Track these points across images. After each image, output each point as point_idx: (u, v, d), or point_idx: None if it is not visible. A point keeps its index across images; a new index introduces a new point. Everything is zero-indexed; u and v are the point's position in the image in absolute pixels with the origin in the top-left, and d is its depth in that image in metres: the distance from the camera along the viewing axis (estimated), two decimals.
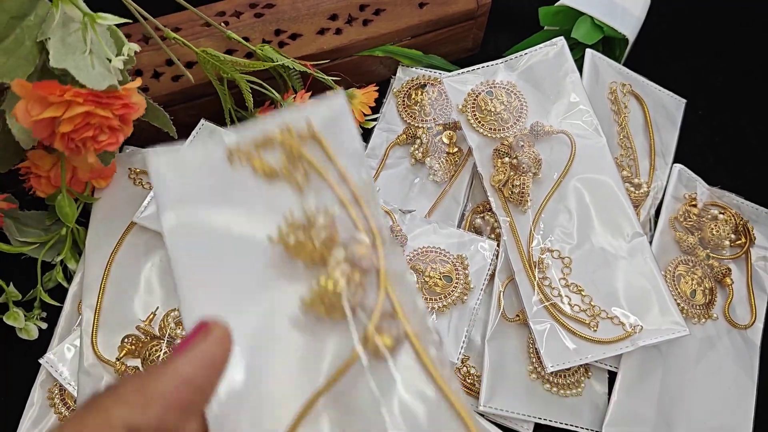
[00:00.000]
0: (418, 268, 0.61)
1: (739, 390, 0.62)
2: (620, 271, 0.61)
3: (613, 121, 0.70)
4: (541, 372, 0.59)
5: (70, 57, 0.47)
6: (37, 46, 0.49)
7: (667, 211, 0.67)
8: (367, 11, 0.70)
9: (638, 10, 0.73)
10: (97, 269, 0.60)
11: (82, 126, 0.47)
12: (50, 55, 0.47)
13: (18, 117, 0.46)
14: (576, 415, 0.59)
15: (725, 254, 0.66)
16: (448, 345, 0.59)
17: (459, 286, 0.60)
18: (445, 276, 0.61)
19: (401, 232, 0.62)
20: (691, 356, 0.62)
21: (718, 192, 0.68)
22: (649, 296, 0.60)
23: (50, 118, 0.46)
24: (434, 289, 0.60)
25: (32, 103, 0.45)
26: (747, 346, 0.63)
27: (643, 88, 0.73)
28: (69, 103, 0.45)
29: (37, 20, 0.49)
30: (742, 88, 0.79)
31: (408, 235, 0.62)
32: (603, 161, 0.65)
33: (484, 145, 0.66)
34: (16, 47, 0.48)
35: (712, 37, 0.82)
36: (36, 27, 0.49)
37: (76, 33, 0.48)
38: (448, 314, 0.60)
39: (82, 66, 0.47)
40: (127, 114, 0.50)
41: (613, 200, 0.64)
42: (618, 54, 0.75)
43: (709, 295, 0.63)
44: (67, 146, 0.48)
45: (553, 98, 0.68)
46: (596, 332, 0.59)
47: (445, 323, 0.60)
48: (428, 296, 0.60)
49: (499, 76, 0.69)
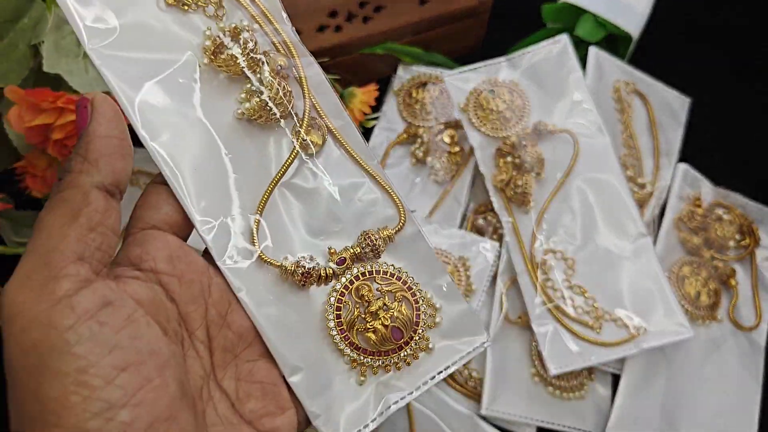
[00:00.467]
0: None
1: (744, 393, 0.61)
2: (624, 273, 0.61)
3: (617, 120, 0.69)
4: (544, 375, 0.59)
5: (64, 61, 0.46)
6: (30, 49, 0.48)
7: (672, 211, 0.67)
8: (367, 8, 0.70)
9: (642, 6, 0.72)
10: None
11: (75, 133, 0.46)
12: (44, 59, 0.46)
13: (11, 123, 0.45)
14: (579, 419, 0.59)
15: (730, 255, 0.65)
16: None
17: (460, 288, 0.60)
18: None
19: None
20: (695, 359, 0.61)
21: (723, 192, 0.68)
22: (653, 298, 0.60)
23: (43, 125, 0.45)
24: None
25: (25, 109, 0.45)
26: (752, 348, 0.63)
27: (648, 86, 0.72)
28: (61, 110, 0.45)
29: (30, 23, 0.48)
30: (747, 86, 0.78)
31: None
32: (607, 161, 0.64)
33: (486, 145, 0.66)
34: (9, 51, 0.47)
35: (717, 35, 0.82)
36: (29, 30, 0.48)
37: (69, 36, 0.47)
38: None
39: (75, 71, 0.46)
40: None
41: (617, 200, 0.63)
42: (622, 52, 0.74)
43: (713, 297, 0.63)
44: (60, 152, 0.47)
45: (557, 97, 0.67)
46: (600, 334, 0.58)
47: None
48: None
49: (501, 74, 0.68)
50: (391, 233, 0.40)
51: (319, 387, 0.38)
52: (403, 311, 0.39)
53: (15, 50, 0.48)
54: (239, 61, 0.38)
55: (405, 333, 0.39)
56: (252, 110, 0.38)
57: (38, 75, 0.50)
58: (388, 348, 0.39)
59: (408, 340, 0.39)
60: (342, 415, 0.38)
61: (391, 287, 0.40)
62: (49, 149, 0.47)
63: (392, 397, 0.39)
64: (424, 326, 0.40)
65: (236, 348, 0.38)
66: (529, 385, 0.59)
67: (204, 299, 0.37)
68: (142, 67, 0.37)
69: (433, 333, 0.40)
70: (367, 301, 0.39)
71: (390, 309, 0.39)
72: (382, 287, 0.39)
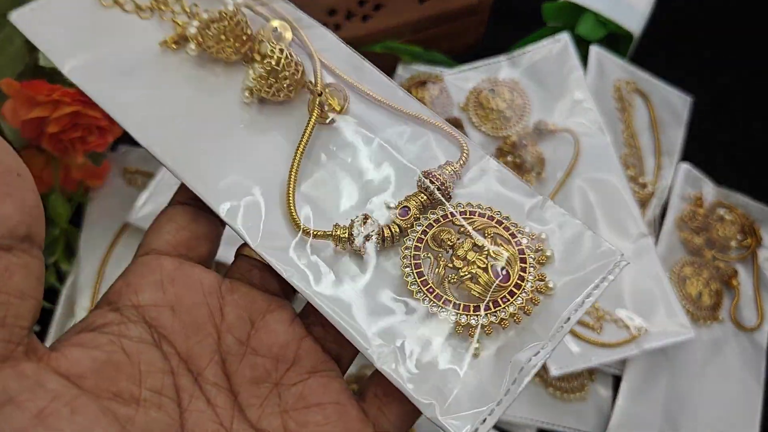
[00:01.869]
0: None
1: (746, 394, 0.61)
2: (625, 273, 0.60)
3: (618, 119, 0.69)
4: (545, 376, 0.58)
5: None
6: (26, 44, 0.48)
7: (673, 211, 0.66)
8: (366, 6, 0.69)
9: (643, 5, 0.72)
10: (90, 271, 0.60)
11: (70, 126, 0.46)
12: (40, 53, 0.46)
13: (6, 117, 0.45)
14: (580, 420, 0.59)
15: (732, 255, 0.65)
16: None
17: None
18: None
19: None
20: (697, 359, 0.61)
21: (725, 192, 0.67)
22: (654, 298, 0.59)
23: (38, 118, 0.45)
24: None
25: (20, 103, 0.44)
26: (754, 348, 0.62)
27: (649, 85, 0.72)
28: (57, 103, 0.44)
29: None
30: (749, 85, 0.78)
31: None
32: (608, 160, 0.64)
33: (487, 144, 0.65)
34: (6, 45, 0.47)
35: (718, 33, 0.81)
36: None
37: None
38: None
39: None
40: None
41: (618, 200, 0.63)
42: (623, 50, 0.73)
43: (715, 297, 0.62)
44: (55, 147, 0.47)
45: (557, 96, 0.67)
46: (601, 335, 0.58)
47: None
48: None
49: (501, 73, 0.68)
50: (457, 167, 0.33)
51: (422, 368, 0.30)
52: (502, 247, 0.31)
53: (11, 44, 0.47)
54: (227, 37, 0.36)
55: (512, 274, 0.31)
56: (260, 80, 0.35)
57: (34, 70, 0.50)
58: (498, 296, 0.31)
59: (519, 282, 0.31)
60: (461, 396, 0.30)
61: (477, 225, 0.32)
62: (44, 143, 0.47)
63: (522, 357, 0.30)
64: (533, 263, 0.31)
65: (273, 374, 0.31)
66: (530, 386, 0.59)
67: (214, 325, 0.31)
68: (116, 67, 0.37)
69: (548, 270, 0.32)
70: (450, 245, 0.32)
71: (484, 248, 0.31)
72: (464, 229, 0.32)
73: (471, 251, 0.31)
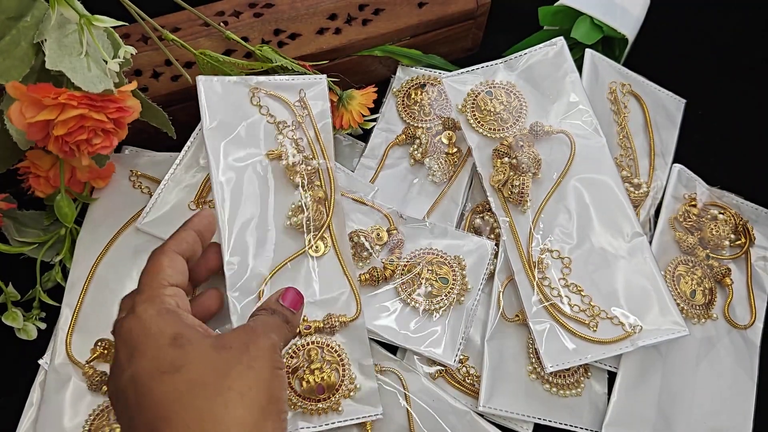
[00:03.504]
0: (416, 270, 0.61)
1: (740, 390, 0.62)
2: (620, 271, 0.61)
3: (613, 121, 0.70)
4: (541, 372, 0.59)
5: (66, 59, 0.47)
6: (33, 47, 0.49)
7: (667, 211, 0.67)
8: (366, 11, 0.70)
9: (638, 9, 0.73)
10: (82, 269, 0.60)
11: (76, 129, 0.46)
12: (46, 56, 0.47)
13: (12, 119, 0.46)
14: (575, 416, 0.59)
15: (725, 254, 0.66)
16: (446, 346, 0.59)
17: (456, 287, 0.60)
18: (441, 278, 0.60)
19: (398, 235, 0.62)
20: (691, 356, 0.62)
21: (718, 192, 0.68)
22: (648, 296, 0.60)
23: (45, 121, 0.46)
24: (431, 291, 0.60)
25: (27, 106, 0.45)
26: (747, 346, 0.63)
27: (643, 88, 0.73)
28: (63, 105, 0.45)
29: (33, 21, 0.49)
30: (742, 87, 0.79)
31: (406, 237, 0.62)
32: (603, 161, 0.65)
33: (484, 145, 0.66)
34: (11, 48, 0.48)
35: (712, 37, 0.82)
36: (32, 28, 0.49)
37: (72, 35, 0.48)
38: (446, 316, 0.60)
39: (78, 68, 0.47)
40: (121, 117, 0.50)
41: (613, 200, 0.63)
42: (618, 54, 0.74)
43: (708, 295, 0.63)
44: (61, 149, 0.47)
45: (553, 98, 0.68)
46: (596, 332, 0.59)
47: (442, 325, 0.60)
48: (425, 298, 0.60)
49: (498, 76, 0.69)
50: (347, 320, 0.57)
51: None
52: (331, 377, 0.55)
53: (17, 47, 0.48)
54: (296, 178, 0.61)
55: (326, 392, 0.54)
56: (297, 225, 0.59)
57: (40, 73, 0.51)
58: (312, 398, 0.54)
59: (326, 398, 0.54)
60: None
61: (331, 358, 0.56)
62: (50, 146, 0.47)
63: (302, 424, 0.54)
64: (341, 394, 0.55)
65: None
66: (526, 382, 0.59)
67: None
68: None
69: (346, 399, 0.55)
70: (311, 360, 0.55)
71: (323, 372, 0.55)
72: (325, 356, 0.56)
73: (318, 370, 0.55)
